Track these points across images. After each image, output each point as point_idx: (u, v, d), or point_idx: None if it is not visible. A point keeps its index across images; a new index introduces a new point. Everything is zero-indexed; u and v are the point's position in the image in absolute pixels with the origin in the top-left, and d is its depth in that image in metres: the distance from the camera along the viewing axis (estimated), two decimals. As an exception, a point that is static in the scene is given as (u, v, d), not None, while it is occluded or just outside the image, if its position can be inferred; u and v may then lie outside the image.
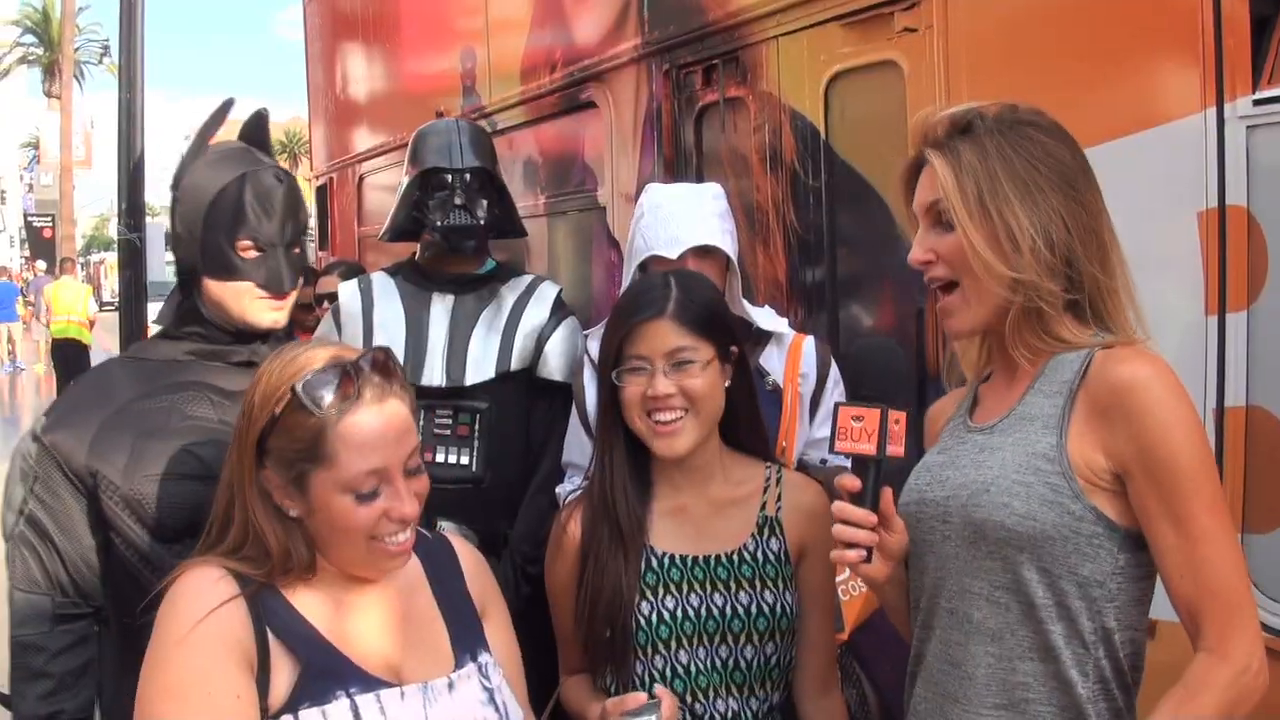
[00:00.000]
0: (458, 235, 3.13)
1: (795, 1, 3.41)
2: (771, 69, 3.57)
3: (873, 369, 3.28)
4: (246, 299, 2.18)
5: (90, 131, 49.56)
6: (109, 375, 2.26)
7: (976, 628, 1.75)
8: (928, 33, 2.94)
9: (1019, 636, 1.71)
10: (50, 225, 42.76)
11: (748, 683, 2.14)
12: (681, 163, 4.04)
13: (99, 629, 2.15)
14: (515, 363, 3.12)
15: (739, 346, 2.23)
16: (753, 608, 2.14)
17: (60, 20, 42.88)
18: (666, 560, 2.16)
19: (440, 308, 3.18)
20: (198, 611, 1.61)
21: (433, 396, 3.06)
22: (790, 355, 2.83)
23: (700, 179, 3.83)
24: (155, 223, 9.26)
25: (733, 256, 2.77)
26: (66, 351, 15.79)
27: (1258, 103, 2.28)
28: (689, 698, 2.12)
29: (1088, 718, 1.68)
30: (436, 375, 3.11)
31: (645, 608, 2.13)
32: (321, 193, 8.59)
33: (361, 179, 7.28)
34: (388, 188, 6.08)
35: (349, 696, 1.63)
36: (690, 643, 2.13)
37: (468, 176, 3.17)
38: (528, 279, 3.27)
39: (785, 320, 2.94)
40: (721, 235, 2.74)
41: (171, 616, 1.64)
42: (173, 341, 2.24)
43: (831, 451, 1.84)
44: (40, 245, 42.04)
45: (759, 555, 2.18)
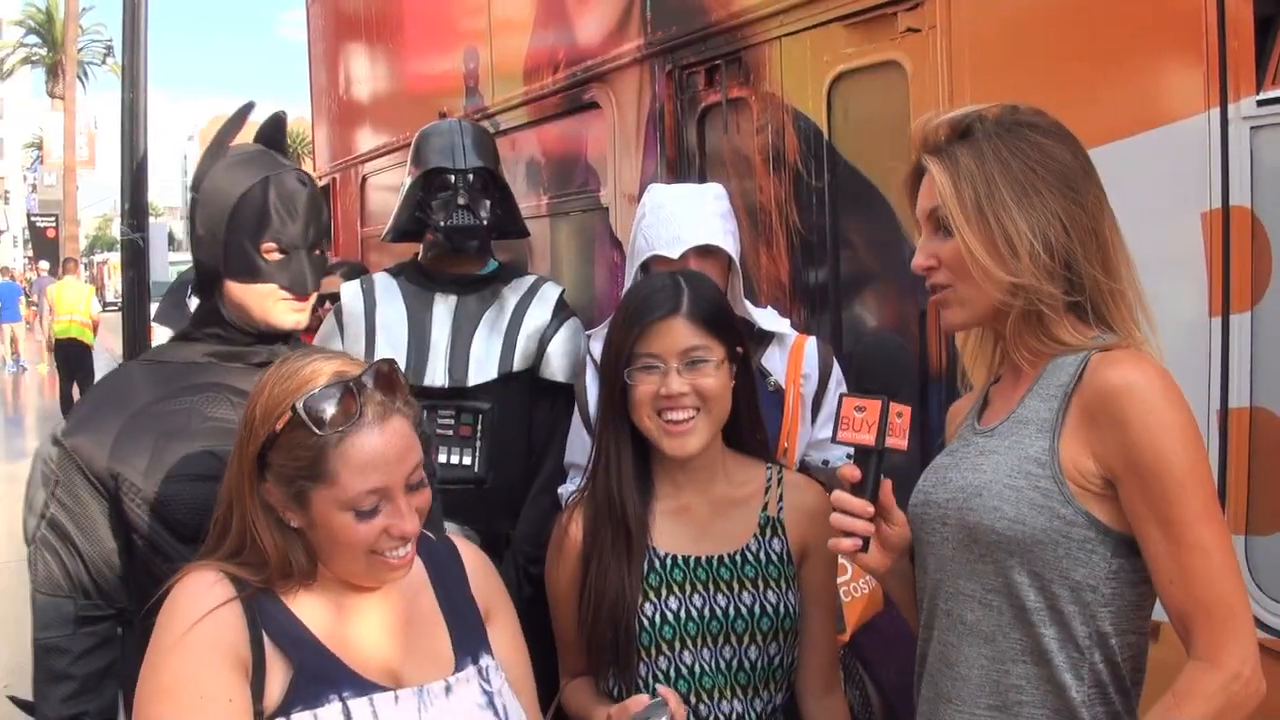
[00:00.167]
0: (460, 235, 3.13)
1: (798, 2, 3.40)
2: (774, 69, 3.57)
3: (875, 369, 3.27)
4: (270, 301, 2.18)
5: (94, 132, 49.66)
6: (129, 378, 2.25)
7: (970, 629, 1.75)
8: (931, 33, 2.94)
9: (1011, 639, 1.71)
10: (54, 225, 42.73)
11: (752, 683, 2.13)
12: (684, 163, 4.04)
13: (122, 631, 2.15)
14: (518, 363, 3.12)
15: (743, 347, 2.23)
16: (756, 608, 2.14)
17: (64, 21, 42.91)
18: (669, 561, 2.16)
19: (443, 308, 3.18)
20: (193, 614, 1.61)
21: (435, 397, 3.06)
22: (792, 356, 2.83)
23: (703, 179, 3.82)
24: (158, 223, 9.26)
25: (734, 256, 2.76)
26: (69, 351, 15.77)
27: (1262, 103, 2.27)
28: (693, 698, 2.11)
29: None
30: (439, 376, 3.11)
31: (648, 608, 2.12)
32: (325, 193, 8.59)
33: (364, 179, 7.28)
34: (391, 188, 6.08)
35: (341, 700, 1.63)
36: (694, 643, 2.13)
37: (471, 177, 3.16)
38: (530, 280, 3.27)
39: (787, 321, 2.94)
40: (723, 235, 2.73)
41: (168, 619, 1.64)
42: (192, 343, 2.24)
43: (834, 440, 1.85)
44: (44, 245, 42.00)
45: (761, 555, 2.17)
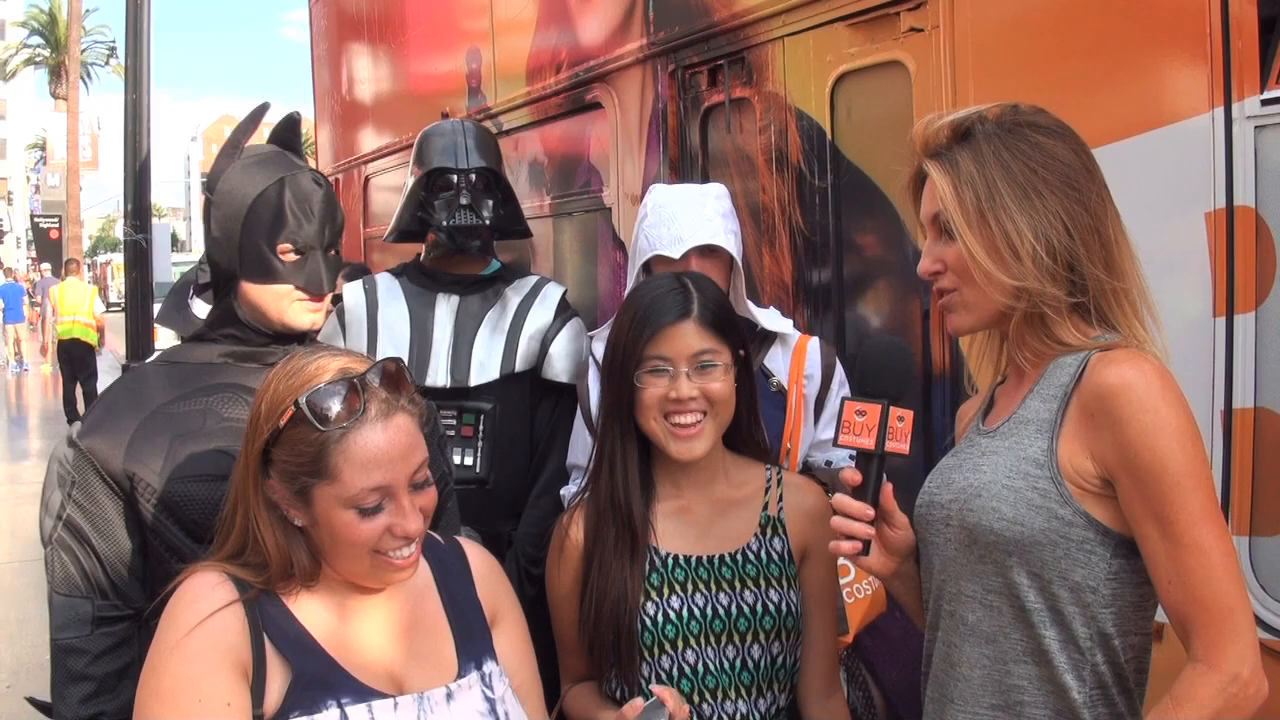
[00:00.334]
0: (463, 235, 3.13)
1: (801, 2, 3.40)
2: (777, 69, 3.56)
3: (879, 370, 3.26)
4: (285, 301, 2.19)
5: (97, 133, 49.75)
6: (144, 379, 2.25)
7: (971, 630, 1.75)
8: (934, 33, 2.93)
9: (1012, 640, 1.70)
10: (57, 226, 42.75)
11: (755, 683, 2.13)
12: (687, 163, 4.03)
13: (140, 630, 2.15)
14: (520, 364, 3.11)
15: (745, 349, 2.23)
16: (758, 607, 2.14)
17: (67, 22, 42.95)
18: (670, 561, 2.15)
19: (445, 308, 3.18)
20: (194, 617, 1.61)
21: (437, 397, 3.05)
22: (795, 356, 2.83)
23: (706, 180, 3.81)
24: (161, 224, 9.27)
25: (736, 256, 2.76)
26: (72, 352, 15.78)
27: (1265, 103, 2.27)
28: (696, 698, 2.11)
29: None
30: (441, 376, 3.11)
31: (650, 608, 2.12)
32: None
33: (367, 180, 7.27)
34: (393, 189, 6.07)
35: (340, 706, 1.62)
36: (697, 642, 2.12)
37: (473, 177, 3.17)
38: (532, 280, 3.27)
39: (790, 321, 2.93)
40: (725, 235, 2.73)
41: (169, 621, 1.64)
42: (208, 344, 2.24)
43: (835, 444, 1.86)
44: (47, 246, 42.05)
45: (763, 555, 2.17)
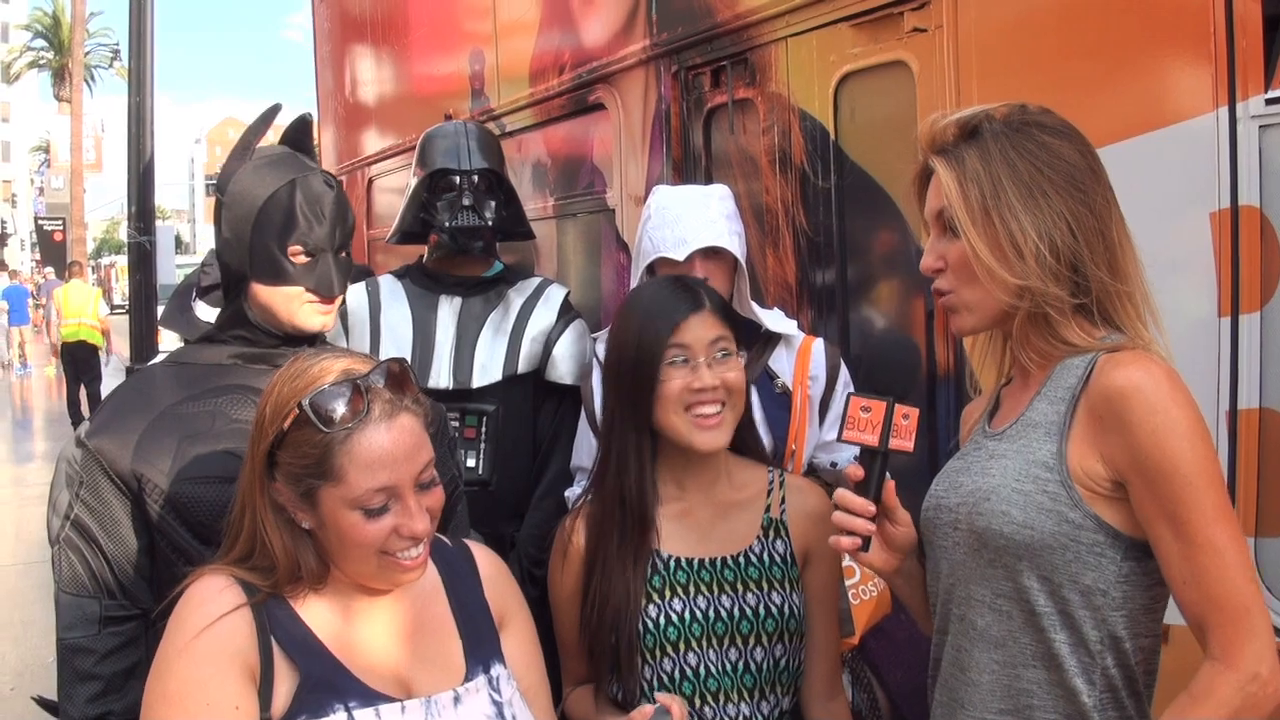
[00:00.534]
0: (465, 236, 3.13)
1: (804, 2, 3.39)
2: (780, 70, 3.56)
3: (883, 371, 3.26)
4: (296, 303, 2.19)
5: (101, 135, 49.77)
6: (153, 379, 2.25)
7: (981, 634, 1.74)
8: (938, 33, 2.92)
9: (1021, 644, 1.70)
10: (61, 229, 42.79)
11: (758, 686, 2.13)
12: (690, 164, 4.02)
13: (147, 630, 2.15)
14: (523, 365, 3.11)
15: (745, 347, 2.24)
16: (760, 609, 2.14)
17: (70, 25, 43.01)
18: (673, 563, 2.15)
19: (447, 310, 3.17)
20: (201, 620, 1.61)
21: (439, 399, 3.04)
22: (799, 357, 2.82)
23: (709, 181, 3.81)
24: (165, 226, 9.28)
25: (740, 258, 2.75)
26: (76, 354, 15.77)
27: (1270, 102, 2.26)
28: (698, 701, 2.11)
29: None
30: (443, 378, 3.11)
31: (652, 610, 2.12)
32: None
33: (371, 181, 7.27)
34: (397, 190, 6.07)
35: (347, 710, 1.62)
36: (699, 645, 2.12)
37: (475, 178, 3.17)
38: (535, 281, 3.27)
39: (795, 322, 2.93)
40: (729, 236, 2.72)
41: (177, 624, 1.64)
42: (217, 345, 2.24)
43: (838, 439, 1.86)
44: (51, 249, 42.09)
45: (765, 557, 2.17)
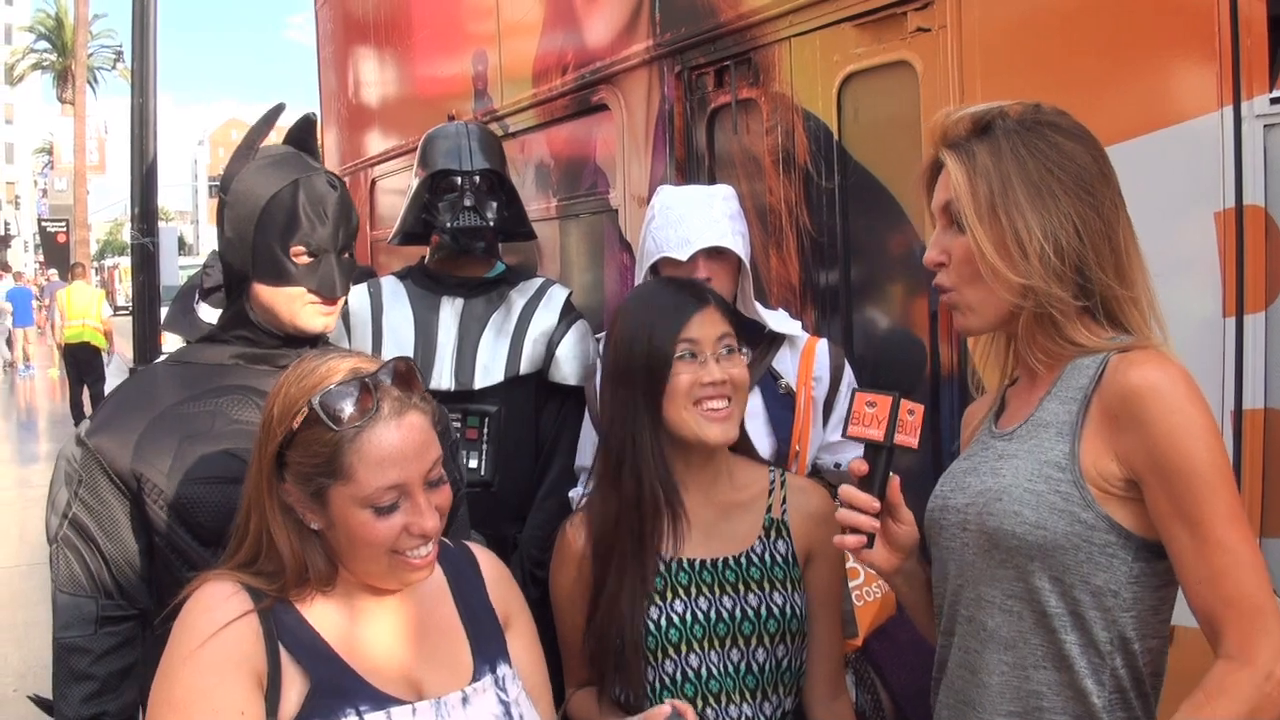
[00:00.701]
0: (467, 236, 3.13)
1: (808, 2, 3.39)
2: (784, 70, 3.55)
3: (887, 371, 3.26)
4: (298, 304, 2.18)
5: (104, 137, 49.86)
6: (154, 379, 2.25)
7: (991, 635, 1.73)
8: (941, 32, 2.92)
9: (1031, 645, 1.69)
10: (64, 230, 42.86)
11: (760, 687, 2.13)
12: (694, 165, 4.02)
13: (143, 631, 2.15)
14: (525, 366, 3.11)
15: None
16: (762, 610, 2.13)
17: (74, 26, 43.05)
18: (674, 564, 2.15)
19: (449, 311, 3.17)
20: (209, 627, 1.60)
21: (441, 400, 3.04)
22: (803, 358, 2.81)
23: (713, 181, 3.80)
24: (168, 227, 9.28)
25: (744, 258, 2.74)
26: (79, 355, 15.78)
27: (1275, 101, 2.26)
28: (700, 703, 2.10)
29: None
30: (445, 379, 3.10)
31: (654, 612, 2.12)
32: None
33: (374, 183, 7.27)
34: (400, 191, 6.07)
35: (358, 714, 1.61)
36: (701, 646, 2.12)
37: (477, 178, 3.16)
38: (537, 282, 3.26)
39: (799, 323, 2.92)
40: (733, 236, 2.71)
41: (183, 631, 1.63)
42: (219, 345, 2.24)
43: (843, 435, 1.85)
44: (54, 250, 42.11)
45: (767, 558, 2.17)
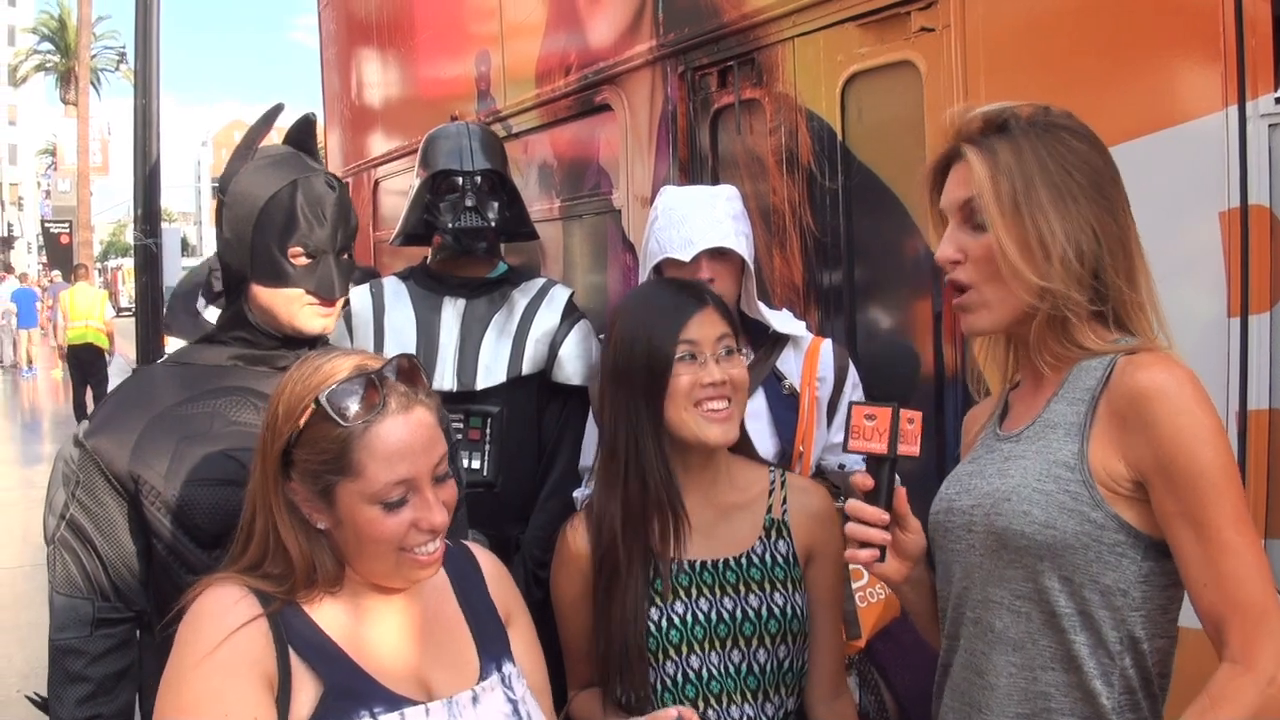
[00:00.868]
0: (469, 237, 3.12)
1: (811, 2, 3.38)
2: (787, 70, 3.55)
3: (891, 372, 3.26)
4: (296, 305, 2.17)
5: (107, 138, 49.86)
6: (152, 380, 2.25)
7: (998, 637, 1.72)
8: (945, 32, 2.92)
9: (1040, 646, 1.68)
10: (67, 231, 42.85)
11: (762, 687, 2.12)
12: (697, 165, 4.02)
13: (140, 634, 2.15)
14: (527, 367, 3.10)
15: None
16: (763, 610, 2.13)
17: (77, 28, 43.10)
18: (675, 566, 2.14)
19: (451, 311, 3.16)
20: (218, 633, 1.59)
21: (443, 400, 3.03)
22: (807, 359, 2.81)
23: (716, 181, 3.80)
24: (171, 228, 9.28)
25: (748, 259, 2.74)
26: (83, 356, 15.80)
27: (1280, 100, 2.25)
28: (701, 704, 2.10)
29: None
30: (447, 379, 3.09)
31: (655, 613, 2.11)
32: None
33: (377, 184, 7.27)
34: (403, 192, 6.07)
35: (373, 716, 1.61)
36: (701, 647, 2.11)
37: (478, 179, 3.16)
38: (540, 282, 3.26)
39: (803, 323, 2.92)
40: (736, 237, 2.71)
41: (192, 636, 1.61)
42: (217, 346, 2.23)
43: (845, 450, 1.83)
44: (57, 251, 42.11)
45: (767, 558, 2.16)
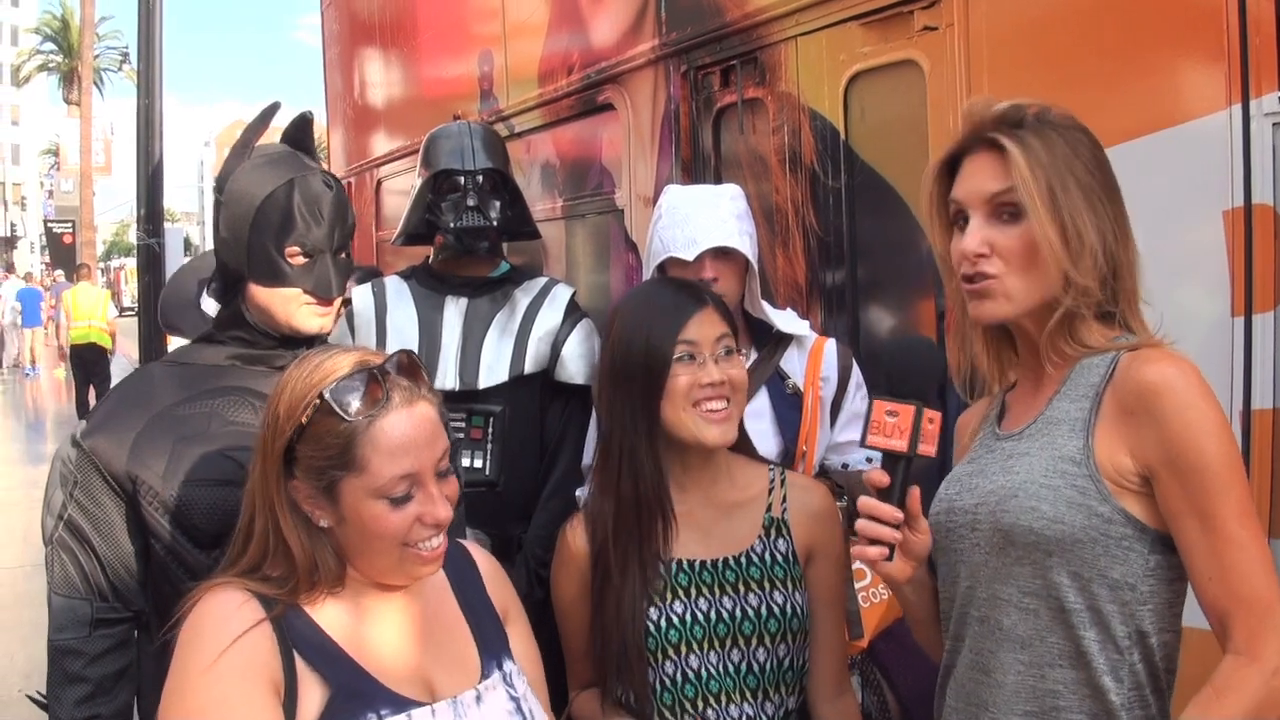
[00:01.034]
0: (471, 236, 3.12)
1: (814, 1, 3.38)
2: (790, 69, 3.55)
3: (894, 371, 3.25)
4: (294, 305, 2.17)
5: (110, 138, 49.87)
6: (150, 380, 2.24)
7: (1006, 635, 1.72)
8: (948, 31, 2.92)
9: (1048, 643, 1.68)
10: (70, 231, 42.81)
11: (762, 686, 2.12)
12: (700, 165, 4.02)
13: (138, 634, 2.14)
14: (529, 366, 3.10)
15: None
16: (763, 609, 2.13)
17: (80, 28, 43.10)
18: (674, 565, 2.14)
19: (453, 310, 3.16)
20: (223, 638, 1.57)
21: (445, 400, 3.02)
22: (811, 358, 2.81)
23: (719, 181, 3.80)
24: (174, 228, 9.28)
25: (751, 258, 2.74)
26: (86, 356, 15.83)
27: (1284, 99, 2.25)
28: (701, 704, 2.10)
29: None
30: (449, 378, 3.09)
31: (654, 613, 2.11)
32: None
33: (380, 183, 7.28)
34: (406, 192, 6.08)
35: (380, 718, 1.61)
36: (701, 647, 2.11)
37: (480, 178, 3.15)
38: (542, 281, 3.25)
39: (807, 323, 2.91)
40: (740, 236, 2.71)
41: (195, 642, 1.60)
42: (215, 346, 2.23)
43: (862, 444, 1.79)
44: (60, 251, 42.08)
45: (767, 557, 2.16)
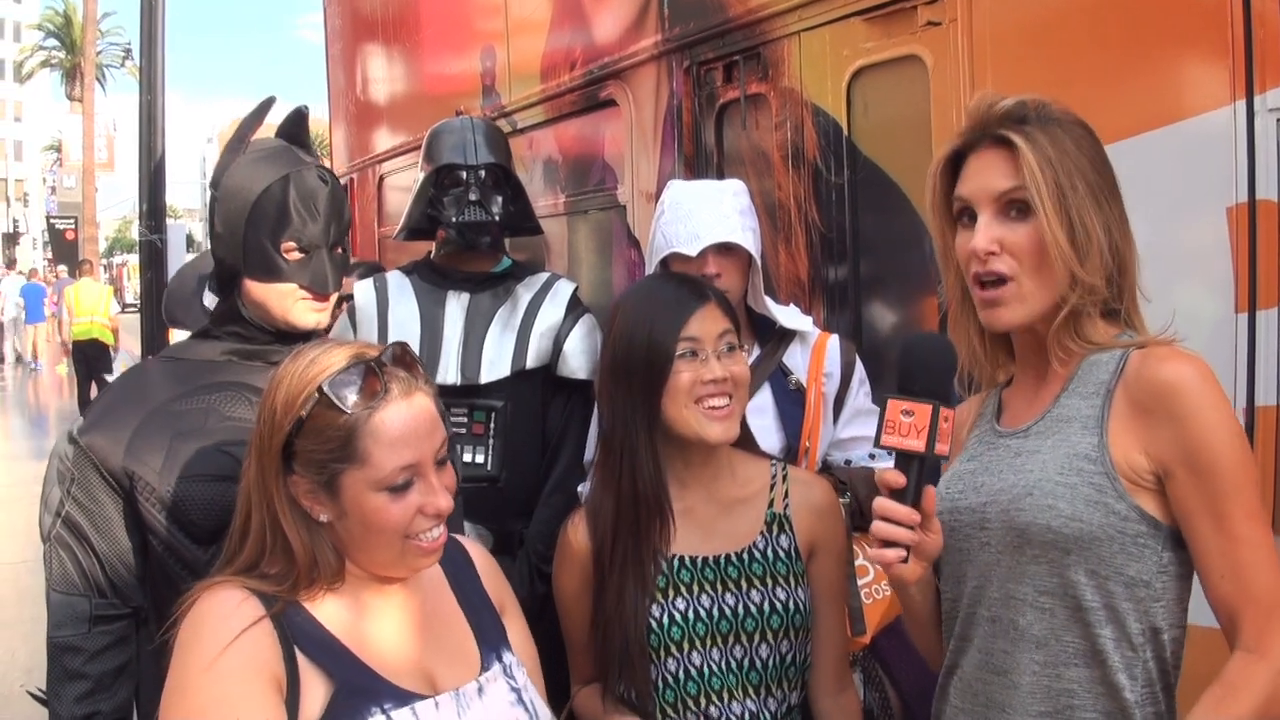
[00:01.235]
0: (473, 231, 3.12)
1: (816, -3, 3.38)
2: (793, 65, 3.54)
3: (912, 366, 3.25)
4: (289, 300, 2.17)
5: (112, 134, 49.89)
6: (146, 376, 2.25)
7: (1022, 634, 1.71)
8: (952, 26, 2.91)
9: (1064, 642, 1.68)
10: (73, 227, 42.81)
11: (764, 683, 2.12)
12: (702, 160, 4.01)
13: (137, 629, 2.14)
14: (531, 361, 3.09)
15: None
16: (765, 605, 2.12)
17: (82, 24, 43.09)
18: (676, 562, 2.14)
19: (455, 305, 3.16)
20: (224, 636, 1.57)
21: (447, 395, 3.03)
22: (814, 354, 2.80)
23: (721, 177, 3.80)
24: (176, 224, 9.29)
25: (754, 254, 2.73)
26: (88, 352, 15.85)
27: (1288, 95, 2.25)
28: (703, 700, 2.10)
29: None
30: (451, 373, 3.09)
31: (656, 610, 2.11)
32: (342, 193, 8.56)
33: (382, 179, 7.28)
34: (408, 188, 6.08)
35: (384, 713, 1.60)
36: (703, 644, 2.11)
37: (482, 173, 3.15)
38: (544, 277, 3.25)
39: (810, 319, 2.91)
40: (742, 232, 2.70)
41: (196, 641, 1.59)
42: (211, 341, 2.23)
43: (877, 445, 1.75)
44: (63, 247, 42.10)
45: (769, 553, 2.16)
